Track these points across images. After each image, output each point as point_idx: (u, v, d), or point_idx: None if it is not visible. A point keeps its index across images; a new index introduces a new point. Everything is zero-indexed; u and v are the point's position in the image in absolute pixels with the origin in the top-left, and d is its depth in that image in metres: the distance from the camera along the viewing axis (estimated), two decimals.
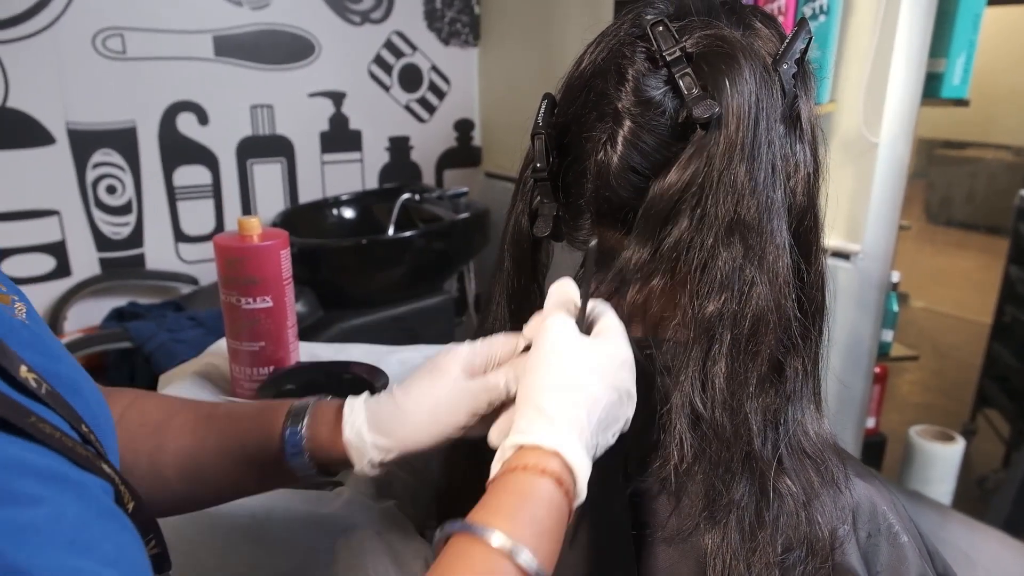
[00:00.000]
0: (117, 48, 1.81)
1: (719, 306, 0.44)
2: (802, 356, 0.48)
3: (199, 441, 0.52)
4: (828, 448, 0.50)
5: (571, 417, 0.41)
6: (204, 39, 1.93)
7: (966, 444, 1.58)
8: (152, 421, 0.53)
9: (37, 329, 0.39)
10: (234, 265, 0.77)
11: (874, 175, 1.24)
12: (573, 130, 0.49)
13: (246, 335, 0.80)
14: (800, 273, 0.48)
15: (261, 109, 2.06)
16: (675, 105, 0.45)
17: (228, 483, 0.52)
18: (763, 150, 0.44)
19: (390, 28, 2.21)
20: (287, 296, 0.81)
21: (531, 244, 0.54)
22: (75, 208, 1.84)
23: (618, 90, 0.46)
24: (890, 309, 1.48)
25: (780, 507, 0.46)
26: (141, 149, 1.91)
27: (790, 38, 0.47)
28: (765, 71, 0.45)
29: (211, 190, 2.04)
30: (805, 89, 0.48)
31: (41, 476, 0.29)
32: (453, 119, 2.42)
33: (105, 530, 0.31)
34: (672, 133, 0.45)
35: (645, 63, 0.46)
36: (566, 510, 0.41)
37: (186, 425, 0.53)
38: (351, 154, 2.25)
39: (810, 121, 0.48)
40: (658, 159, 0.45)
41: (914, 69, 1.22)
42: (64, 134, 1.78)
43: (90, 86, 1.80)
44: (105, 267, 1.92)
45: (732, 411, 0.46)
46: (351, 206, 2.16)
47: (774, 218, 0.45)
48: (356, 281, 1.83)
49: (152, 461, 0.51)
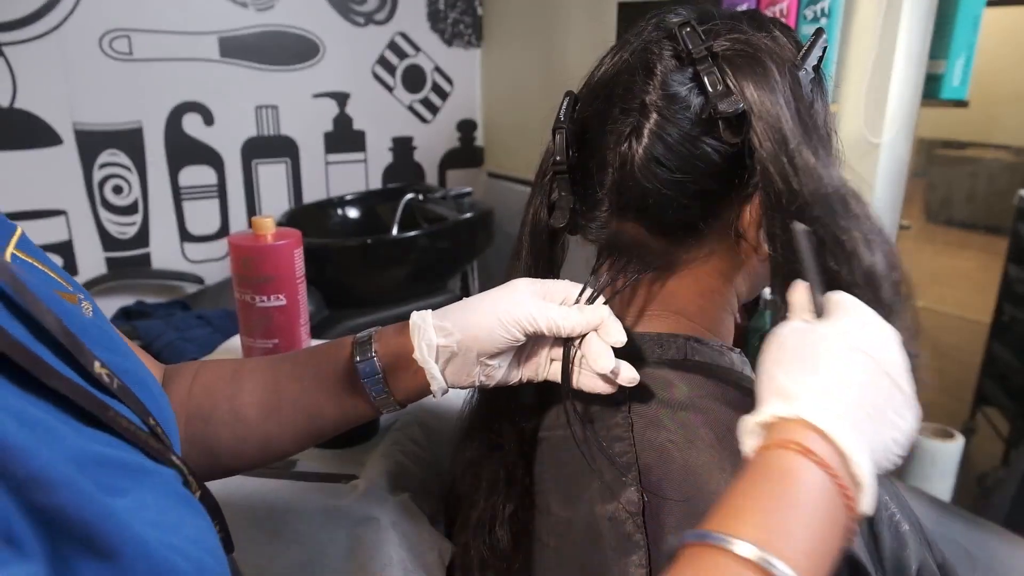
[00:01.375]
0: (124, 49, 1.83)
1: (872, 261, 0.44)
2: None
3: (275, 373, 0.54)
4: None
5: (853, 412, 0.35)
6: (210, 40, 1.95)
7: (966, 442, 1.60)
8: (227, 371, 0.56)
9: (104, 326, 0.41)
10: (249, 264, 0.79)
11: (876, 176, 1.26)
12: (595, 124, 0.51)
13: (260, 332, 0.81)
14: None
15: (266, 110, 2.08)
16: (700, 102, 0.47)
17: (304, 414, 0.53)
18: (808, 135, 0.46)
19: (394, 29, 2.23)
20: (300, 294, 0.82)
21: (548, 235, 0.55)
22: (82, 208, 1.86)
23: (646, 84, 0.47)
24: None
25: None
26: (147, 149, 1.92)
27: (808, 45, 0.49)
28: (789, 74, 0.47)
29: (216, 190, 2.06)
30: (821, 95, 0.50)
31: (123, 468, 0.31)
32: (456, 119, 2.43)
33: (182, 514, 0.34)
34: (696, 128, 0.46)
35: (672, 60, 0.48)
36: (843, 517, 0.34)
37: (260, 364, 0.56)
38: (355, 154, 2.27)
39: (827, 126, 0.50)
40: (681, 151, 0.47)
41: (914, 71, 1.24)
42: (71, 135, 1.80)
43: (97, 87, 1.81)
44: (111, 266, 1.94)
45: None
46: (355, 206, 2.18)
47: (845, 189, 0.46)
48: (361, 280, 1.84)
49: (232, 406, 0.53)
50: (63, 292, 0.40)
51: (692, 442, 0.48)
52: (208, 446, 0.53)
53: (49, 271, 0.42)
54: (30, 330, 0.33)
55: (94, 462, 0.30)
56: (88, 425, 0.32)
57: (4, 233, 0.40)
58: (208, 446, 0.53)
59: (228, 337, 1.07)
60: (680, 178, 0.47)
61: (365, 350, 0.52)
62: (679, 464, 0.47)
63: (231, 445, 0.53)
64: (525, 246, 0.56)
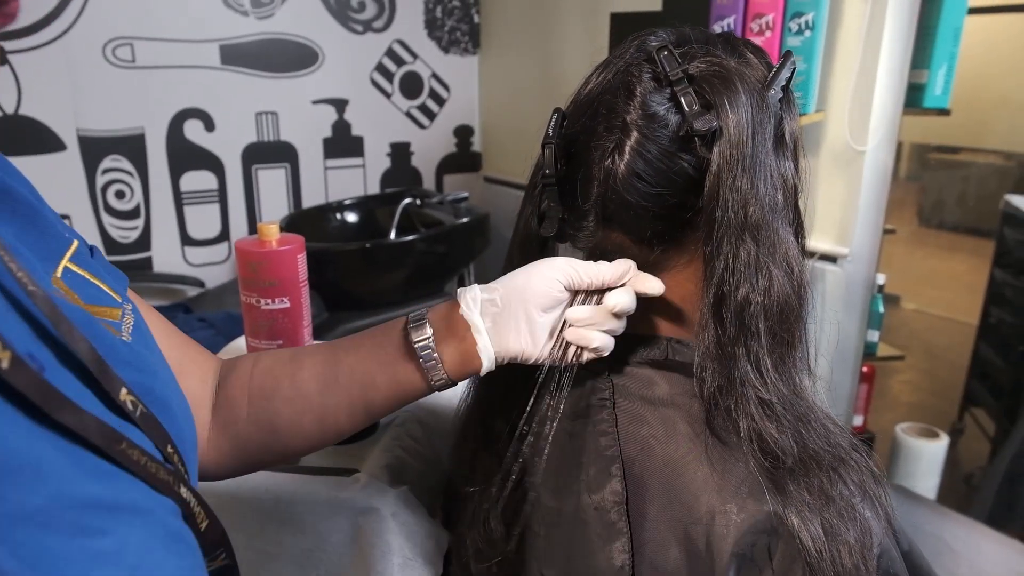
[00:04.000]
0: (127, 57, 1.86)
1: (746, 294, 0.49)
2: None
3: (334, 349, 0.58)
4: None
5: None
6: (211, 48, 1.98)
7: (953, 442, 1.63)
8: (287, 354, 0.59)
9: (138, 344, 0.43)
10: (254, 268, 0.82)
11: (861, 182, 1.30)
12: (582, 140, 0.54)
13: (265, 334, 0.84)
14: None
15: (266, 116, 2.11)
16: (677, 120, 0.50)
17: (358, 385, 0.56)
18: (760, 160, 0.49)
19: (391, 37, 2.26)
20: (303, 297, 0.85)
21: (539, 244, 0.59)
22: (85, 212, 1.89)
23: (627, 105, 0.51)
24: (876, 310, 1.53)
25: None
26: (149, 155, 1.95)
27: (777, 67, 0.53)
28: (757, 94, 0.51)
29: (217, 195, 2.08)
30: (789, 111, 0.54)
31: (111, 509, 0.33)
32: (453, 125, 2.46)
33: (166, 556, 0.35)
34: (673, 144, 0.50)
35: (651, 82, 0.52)
36: None
37: (321, 345, 0.59)
38: (353, 159, 2.30)
39: (793, 138, 0.54)
40: (659, 167, 0.51)
41: (897, 80, 1.28)
42: (75, 141, 1.83)
43: (100, 94, 1.84)
44: None
45: (794, 394, 0.50)
46: (354, 211, 2.20)
47: (778, 218, 0.50)
48: (360, 283, 1.86)
49: (293, 382, 0.56)
50: (109, 308, 0.42)
51: (672, 436, 0.52)
52: (270, 422, 0.56)
53: (101, 284, 0.44)
54: (60, 357, 0.34)
55: (78, 504, 0.31)
56: (97, 454, 0.33)
57: (59, 247, 0.42)
58: (270, 422, 0.56)
59: (231, 339, 1.11)
60: (659, 191, 0.51)
61: (418, 317, 0.56)
62: (660, 457, 0.51)
63: (291, 420, 0.56)
64: (516, 254, 0.60)
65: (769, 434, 0.48)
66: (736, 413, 0.49)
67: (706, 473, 0.49)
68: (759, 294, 0.49)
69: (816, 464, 0.48)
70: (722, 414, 0.49)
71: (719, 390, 0.49)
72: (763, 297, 0.49)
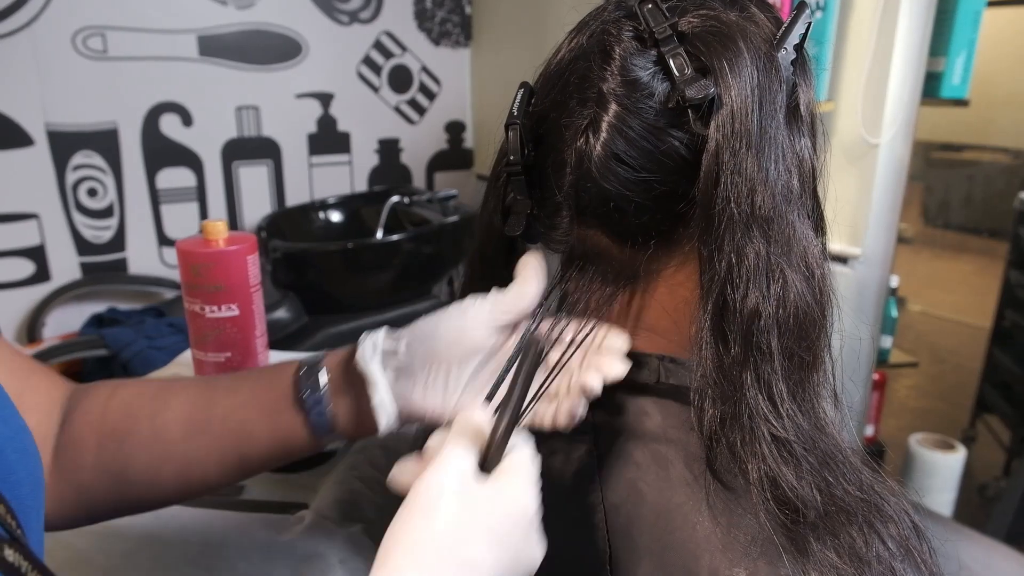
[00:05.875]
0: (98, 47, 1.77)
1: (755, 305, 0.39)
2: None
3: (210, 388, 0.49)
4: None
5: None
6: (188, 39, 1.89)
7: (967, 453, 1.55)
8: (152, 388, 0.50)
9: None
10: (198, 271, 0.73)
11: (874, 178, 1.21)
12: (551, 118, 0.45)
13: (212, 345, 0.75)
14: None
15: (247, 110, 2.02)
16: (665, 88, 0.41)
17: (232, 435, 0.47)
18: (769, 136, 0.40)
19: (379, 28, 2.17)
20: (255, 304, 0.76)
21: (504, 246, 0.49)
22: (55, 211, 1.80)
23: (603, 70, 0.41)
24: (889, 315, 1.44)
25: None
26: (123, 151, 1.87)
27: (789, 22, 0.43)
28: (764, 56, 0.41)
29: (196, 193, 2.00)
30: (804, 77, 0.44)
31: None
32: (444, 121, 2.38)
33: None
34: (660, 118, 0.41)
35: (633, 42, 0.42)
36: None
37: (195, 380, 0.50)
38: (339, 156, 2.22)
39: (810, 109, 0.44)
40: (644, 146, 0.41)
41: (913, 68, 1.19)
42: (43, 135, 1.74)
43: (70, 86, 1.75)
44: (86, 271, 1.88)
45: (816, 429, 0.40)
46: (339, 209, 2.12)
47: (794, 209, 0.41)
48: (342, 286, 1.79)
49: (153, 425, 0.47)
50: None
51: (665, 480, 0.42)
52: (121, 470, 0.46)
53: None
54: None
55: None
56: None
57: None
58: (121, 470, 0.46)
59: None
60: (644, 177, 0.41)
61: (313, 362, 0.47)
62: (651, 505, 0.42)
63: (147, 469, 0.46)
64: (478, 260, 0.51)
65: (785, 480, 0.38)
66: (744, 452, 0.39)
67: (708, 527, 0.39)
68: (771, 304, 0.39)
69: (846, 517, 0.38)
70: (726, 452, 0.40)
71: (722, 423, 0.40)
72: (776, 308, 0.39)
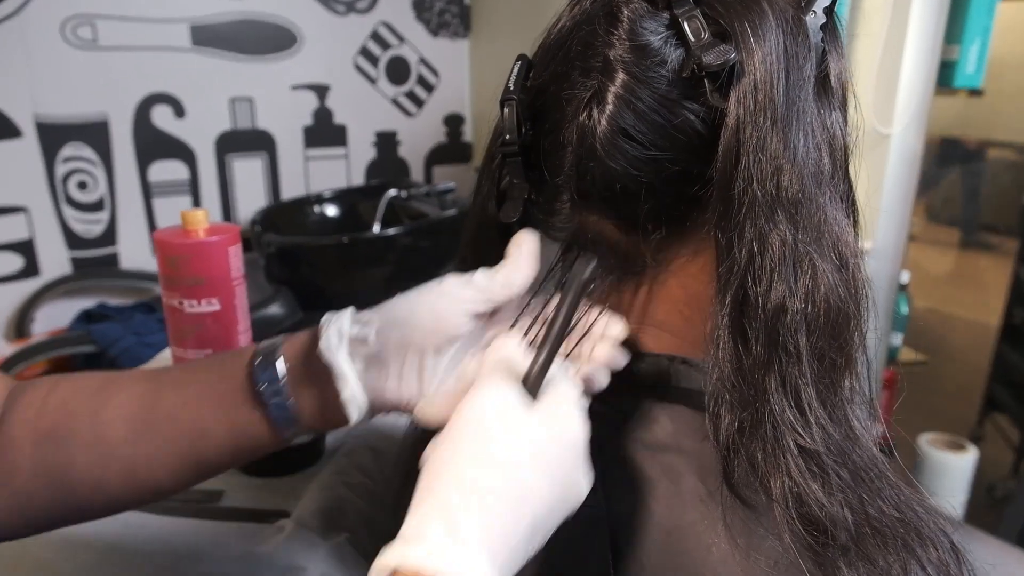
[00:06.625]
0: (88, 36, 1.73)
1: (780, 299, 0.35)
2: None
3: (156, 382, 0.44)
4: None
5: (491, 532, 0.31)
6: (180, 28, 1.84)
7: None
8: (95, 383, 0.45)
9: None
10: (176, 264, 0.69)
11: (886, 169, 1.16)
12: (551, 92, 0.41)
13: (191, 342, 0.71)
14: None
15: (241, 102, 1.98)
16: (679, 55, 0.36)
17: (184, 433, 0.42)
18: (797, 109, 0.36)
19: (376, 18, 2.13)
20: (237, 298, 0.72)
21: (499, 234, 0.45)
22: (44, 205, 1.76)
23: (609, 35, 0.37)
24: (899, 312, 1.40)
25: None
26: (114, 143, 1.82)
27: None
28: (791, 19, 0.37)
29: (189, 186, 1.96)
30: (835, 44, 0.40)
31: None
32: (443, 114, 2.34)
33: None
34: (673, 89, 0.36)
35: (642, 3, 0.38)
36: None
37: (140, 373, 0.45)
38: (336, 149, 2.17)
39: (841, 80, 0.40)
40: (655, 121, 0.37)
41: (928, 54, 1.14)
42: (32, 127, 1.70)
43: (59, 77, 1.71)
44: (77, 266, 1.84)
45: (848, 440, 0.37)
46: (335, 203, 2.08)
47: (825, 191, 0.37)
48: (338, 281, 1.75)
49: (94, 423, 0.42)
50: None
51: (677, 494, 0.38)
52: (62, 474, 0.42)
53: None
54: None
55: None
56: None
57: None
58: (62, 474, 0.42)
59: None
60: (655, 155, 0.37)
61: (269, 350, 0.43)
62: (660, 522, 0.37)
63: (90, 472, 0.42)
64: (470, 251, 0.47)
65: (814, 497, 0.34)
66: (766, 465, 0.35)
67: (724, 549, 0.35)
68: (798, 298, 0.35)
69: (881, 540, 0.34)
70: (745, 465, 0.36)
71: (740, 431, 0.35)
72: (804, 302, 0.35)
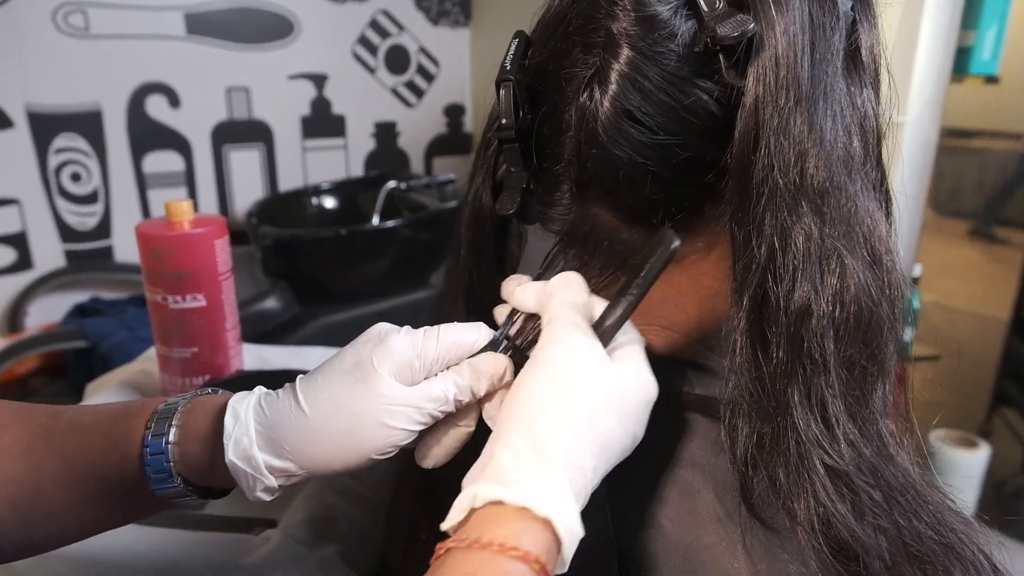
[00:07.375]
0: (79, 24, 1.69)
1: (805, 300, 0.32)
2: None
3: (36, 467, 0.39)
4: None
5: (578, 469, 0.29)
6: (175, 16, 1.81)
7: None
8: None
9: None
10: (160, 257, 0.66)
11: (901, 159, 1.13)
12: (550, 71, 0.37)
13: (176, 339, 0.68)
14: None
15: (237, 92, 1.94)
16: (690, 27, 0.33)
17: (79, 521, 0.39)
18: (825, 87, 0.32)
19: (375, 6, 2.09)
20: (224, 293, 0.69)
21: (494, 225, 0.42)
22: (36, 197, 1.72)
23: (612, 5, 0.34)
24: (911, 306, 1.36)
25: None
26: (107, 134, 1.79)
27: None
28: None
29: (184, 178, 1.93)
30: (866, 15, 0.36)
31: None
32: (443, 104, 2.30)
33: None
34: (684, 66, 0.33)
35: None
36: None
37: (17, 446, 0.39)
38: (334, 140, 2.14)
39: (873, 55, 0.37)
40: (663, 101, 0.33)
41: (943, 40, 1.10)
42: (23, 117, 1.66)
43: (51, 66, 1.68)
44: (71, 259, 1.81)
45: (880, 457, 0.34)
46: (334, 195, 2.05)
47: (856, 179, 0.33)
48: (336, 274, 1.72)
49: None
50: None
51: (691, 513, 0.34)
52: None
53: None
54: None
55: None
56: None
57: None
58: None
59: None
60: (663, 140, 0.33)
61: (160, 465, 0.38)
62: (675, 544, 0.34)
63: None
64: (464, 241, 0.43)
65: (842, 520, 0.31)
66: (789, 486, 0.31)
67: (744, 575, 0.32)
68: (826, 300, 0.32)
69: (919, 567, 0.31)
70: (766, 484, 0.32)
71: (759, 446, 0.32)
72: (832, 304, 0.32)
